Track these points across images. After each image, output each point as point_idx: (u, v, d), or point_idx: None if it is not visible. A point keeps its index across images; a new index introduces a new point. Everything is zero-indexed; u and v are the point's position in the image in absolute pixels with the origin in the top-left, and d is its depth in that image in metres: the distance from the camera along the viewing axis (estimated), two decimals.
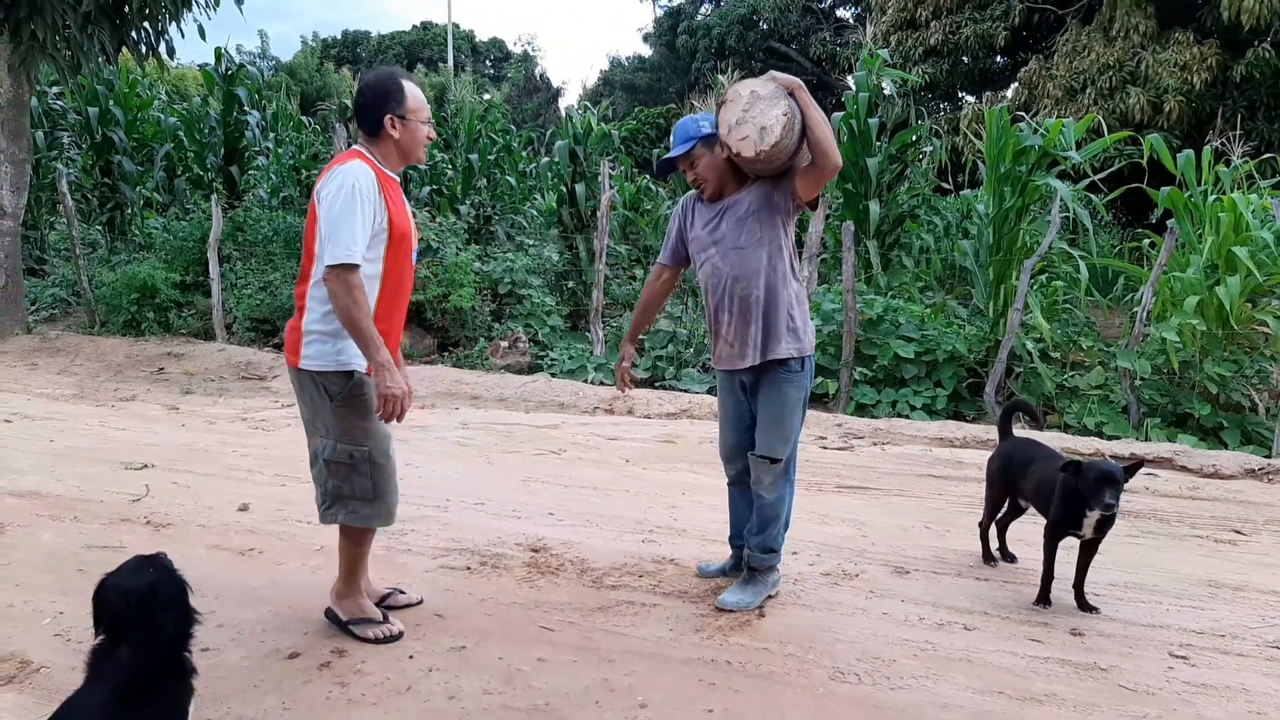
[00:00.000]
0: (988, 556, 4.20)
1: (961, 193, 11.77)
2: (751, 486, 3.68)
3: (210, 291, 9.60)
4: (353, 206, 2.83)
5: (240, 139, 13.05)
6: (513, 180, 12.84)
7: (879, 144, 10.25)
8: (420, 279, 8.69)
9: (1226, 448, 6.68)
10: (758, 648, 3.28)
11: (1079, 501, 3.57)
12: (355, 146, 3.11)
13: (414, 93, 3.06)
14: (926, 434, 6.42)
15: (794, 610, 3.60)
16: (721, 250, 3.52)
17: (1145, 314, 7.36)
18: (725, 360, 3.62)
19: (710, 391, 7.75)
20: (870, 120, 10.23)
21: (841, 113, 10.34)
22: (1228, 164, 8.40)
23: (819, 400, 7.65)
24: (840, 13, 34.08)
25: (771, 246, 3.47)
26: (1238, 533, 4.85)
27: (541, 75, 44.73)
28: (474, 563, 3.98)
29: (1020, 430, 5.25)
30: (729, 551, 3.98)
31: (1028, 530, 4.19)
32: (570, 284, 10.27)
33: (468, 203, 11.59)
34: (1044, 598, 3.74)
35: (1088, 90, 14.77)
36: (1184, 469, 5.92)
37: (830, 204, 8.96)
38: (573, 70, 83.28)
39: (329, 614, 3.29)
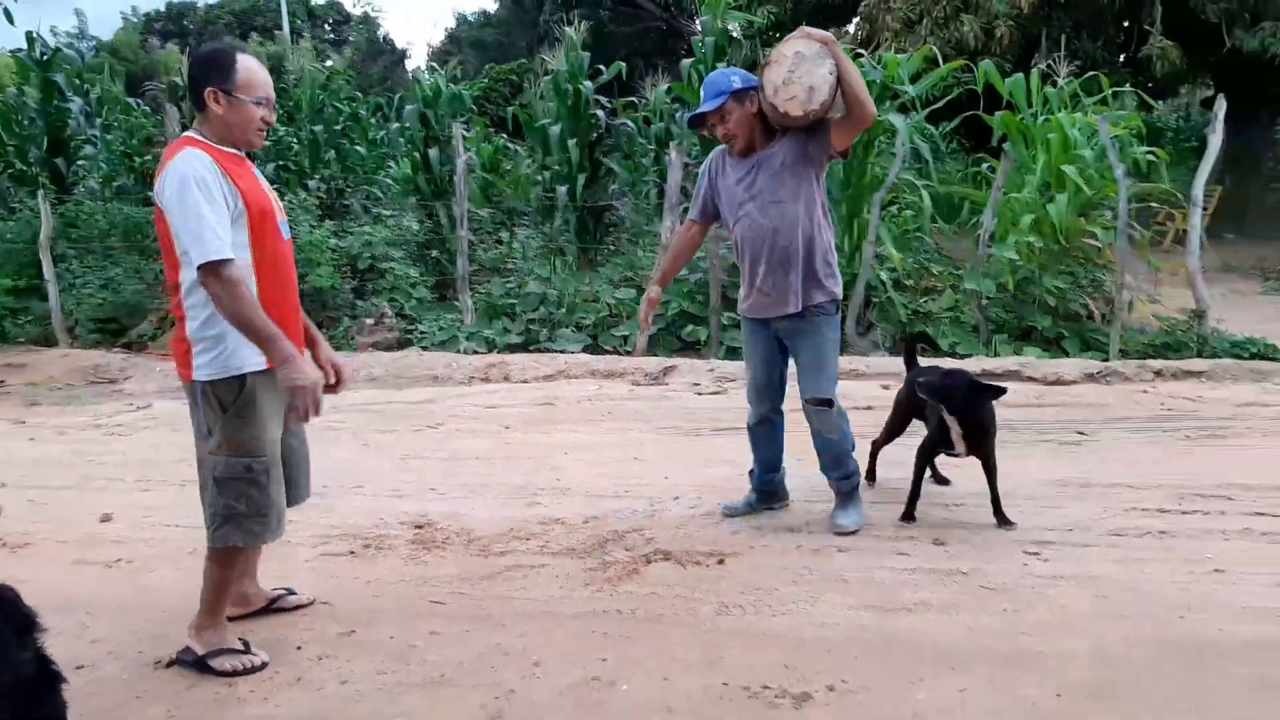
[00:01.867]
0: (871, 475, 4.43)
1: None
2: (815, 431, 3.87)
3: (47, 295, 9.00)
4: (197, 199, 2.61)
5: (64, 128, 12.16)
6: (363, 150, 12.42)
7: None
8: None
9: (1068, 356, 7.16)
10: (646, 593, 3.37)
11: (940, 413, 3.81)
12: (188, 131, 2.88)
13: (248, 67, 2.77)
14: (793, 369, 6.63)
15: (680, 553, 3.71)
16: (760, 204, 3.63)
17: (988, 236, 7.76)
18: (761, 309, 3.75)
19: (585, 350, 7.79)
20: (719, 64, 10.31)
21: (692, 59, 10.38)
22: (1055, 85, 8.87)
23: (691, 348, 7.80)
24: None
25: (807, 198, 3.61)
26: (1081, 434, 5.23)
27: (385, 38, 43.14)
28: (357, 546, 3.93)
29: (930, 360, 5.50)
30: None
31: (897, 452, 4.41)
32: (434, 253, 10.08)
33: (316, 177, 11.17)
34: (908, 514, 3.97)
35: (924, 21, 15.28)
36: (1030, 379, 6.33)
37: (687, 152, 9.03)
38: (418, 31, 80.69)
39: (182, 654, 2.96)
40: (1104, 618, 3.05)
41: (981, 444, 3.85)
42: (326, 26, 49.16)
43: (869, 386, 6.34)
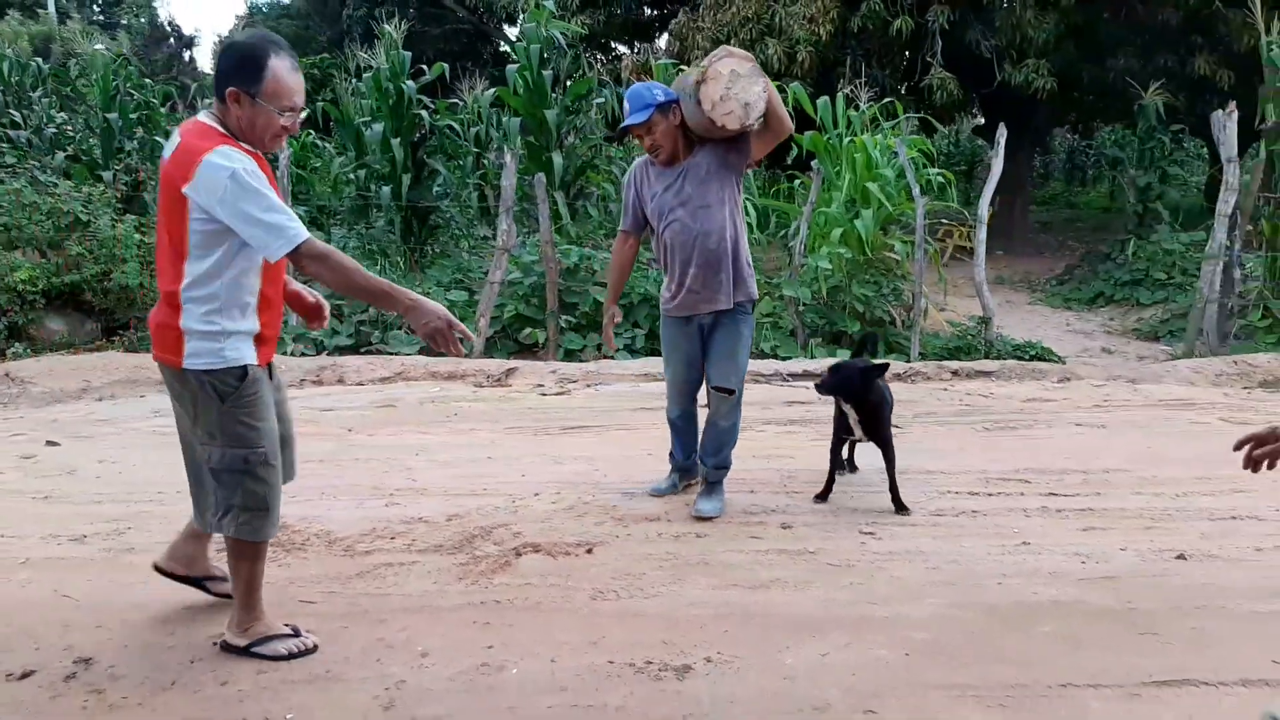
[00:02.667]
0: (853, 465, 4.79)
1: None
2: (710, 417, 4.15)
3: None
4: (258, 190, 2.52)
5: None
6: (162, 140, 11.64)
7: (554, 96, 10.54)
8: (74, 256, 7.77)
9: (878, 357, 7.80)
10: (521, 584, 3.48)
11: (839, 401, 4.19)
12: (204, 115, 2.73)
13: (278, 75, 2.65)
14: (632, 371, 6.89)
15: (549, 545, 3.84)
16: (689, 209, 3.89)
17: (802, 246, 8.34)
18: (689, 307, 4.02)
19: (421, 352, 7.73)
20: (544, 72, 10.48)
21: (516, 65, 10.48)
22: (856, 109, 9.63)
23: (530, 351, 7.92)
24: None
25: (731, 203, 3.93)
26: (895, 427, 5.74)
27: (170, 22, 40.29)
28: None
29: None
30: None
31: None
32: None
33: (112, 168, 10.40)
34: (823, 494, 4.33)
35: (732, 41, 16.02)
36: None
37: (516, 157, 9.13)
38: (205, 17, 75.57)
39: (224, 646, 2.95)
40: (935, 586, 3.44)
41: (876, 427, 4.21)
42: (95, 7, 45.22)
43: None
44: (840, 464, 4.48)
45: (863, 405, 4.16)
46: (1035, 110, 17.34)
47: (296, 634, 2.97)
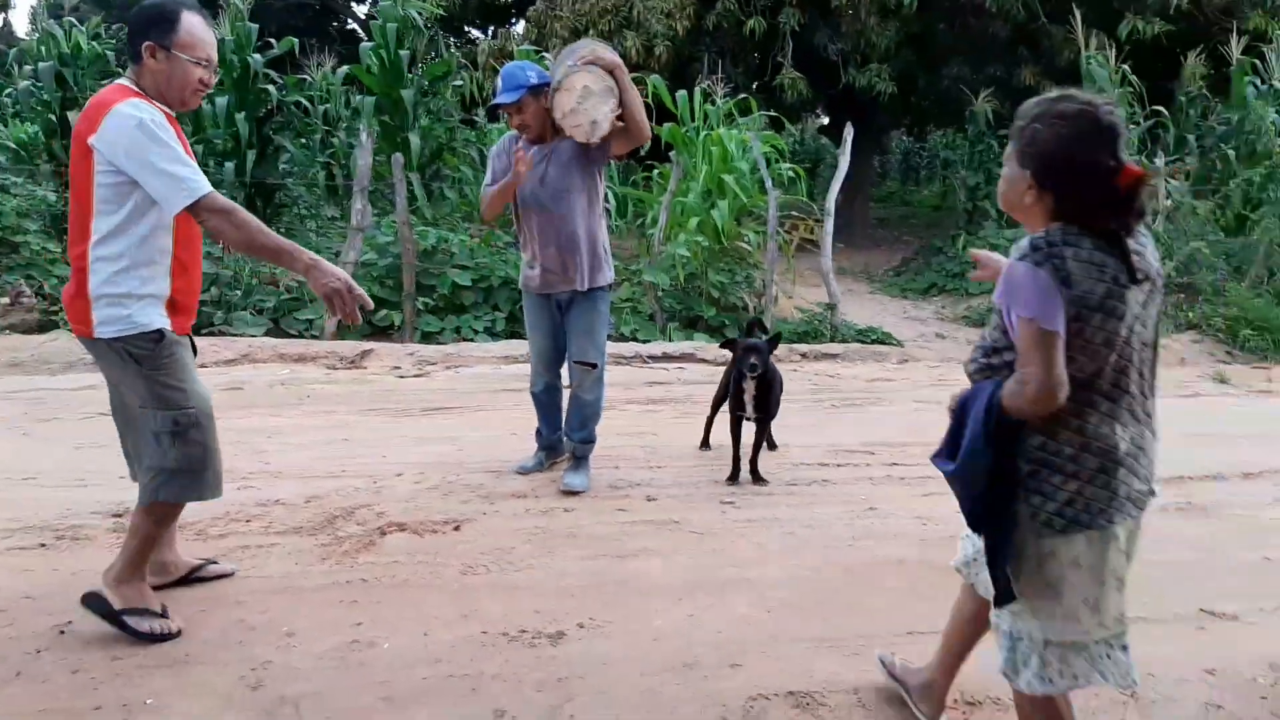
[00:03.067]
0: (705, 443, 4.88)
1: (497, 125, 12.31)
2: (573, 392, 4.25)
3: None
4: (163, 140, 2.49)
5: None
6: None
7: (411, 76, 10.32)
8: None
9: None
10: (388, 562, 3.44)
11: (738, 378, 4.27)
12: (121, 80, 2.66)
13: (191, 26, 2.66)
14: (493, 353, 6.87)
15: (414, 524, 3.80)
16: (550, 192, 4.00)
17: (661, 234, 8.51)
18: (547, 285, 4.12)
19: (268, 334, 7.43)
20: (401, 52, 10.24)
21: (371, 43, 10.20)
22: (713, 104, 9.88)
23: (384, 333, 7.74)
24: None
25: (590, 191, 4.05)
26: None
27: None
28: (48, 538, 3.58)
29: None
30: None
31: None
32: None
33: None
34: (732, 476, 4.39)
35: (590, 31, 16.08)
36: (704, 361, 7.09)
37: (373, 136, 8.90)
38: None
39: (90, 600, 2.83)
40: (792, 550, 3.63)
41: (764, 409, 4.35)
42: None
43: None
44: (740, 442, 4.48)
45: (762, 380, 4.30)
46: (876, 113, 18.22)
47: (164, 615, 2.88)
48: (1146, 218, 1.93)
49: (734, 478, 4.41)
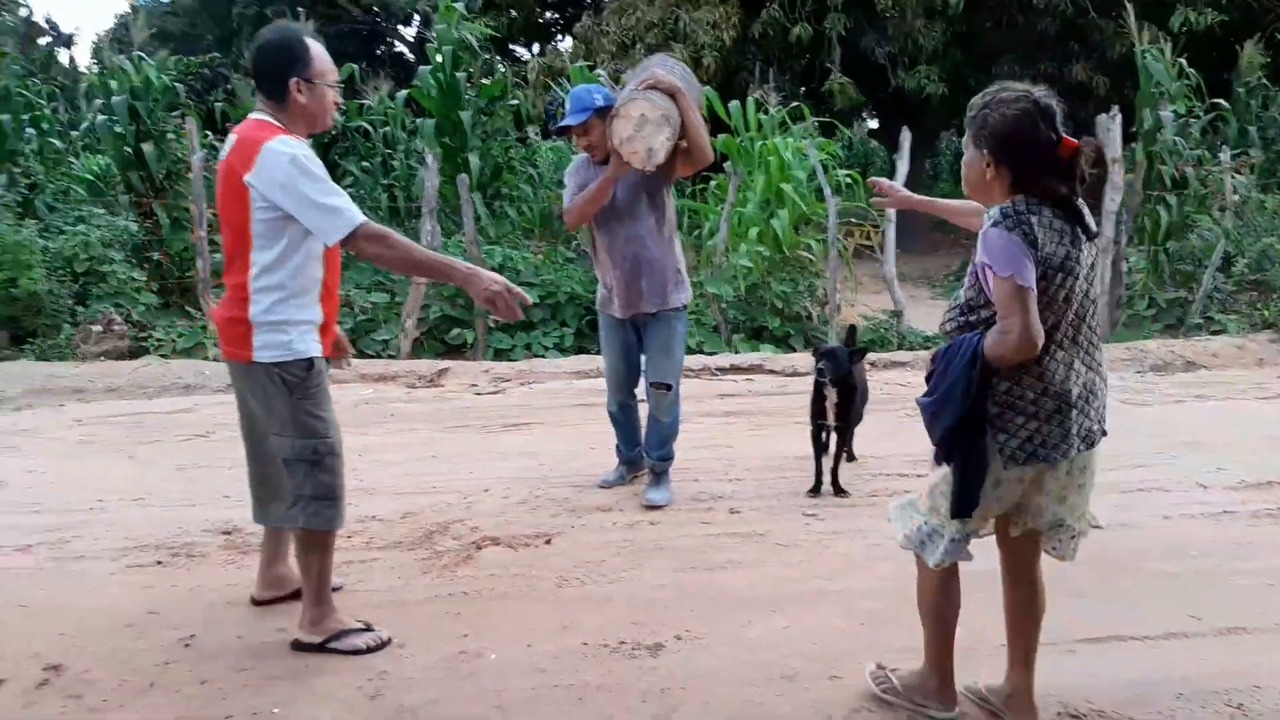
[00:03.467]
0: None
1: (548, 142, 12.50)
2: (650, 412, 4.31)
3: None
4: (312, 173, 2.64)
5: None
6: (58, 143, 11.17)
7: (468, 97, 10.54)
8: None
9: (795, 351, 8.12)
10: (486, 575, 3.57)
11: (818, 386, 4.34)
12: (257, 114, 2.79)
13: (319, 53, 2.82)
14: (564, 369, 7.01)
15: (507, 538, 3.93)
16: (618, 216, 4.07)
17: (723, 245, 8.59)
18: (622, 309, 4.17)
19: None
20: (457, 74, 10.46)
21: (429, 67, 10.44)
22: (766, 113, 9.94)
23: (457, 351, 7.93)
24: None
25: (659, 211, 4.10)
26: None
27: (47, 20, 38.30)
28: (164, 556, 3.77)
29: None
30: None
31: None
32: (155, 256, 9.34)
33: (4, 172, 9.94)
34: (814, 488, 4.42)
35: (638, 45, 16.27)
36: (772, 372, 7.14)
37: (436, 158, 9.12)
38: (83, 16, 71.62)
39: (295, 646, 2.96)
40: (877, 561, 3.68)
41: (846, 417, 4.42)
42: None
43: None
44: (823, 453, 4.51)
45: (844, 389, 4.35)
46: (925, 114, 18.12)
47: (369, 629, 3.00)
48: (1084, 183, 2.24)
49: (816, 490, 4.44)
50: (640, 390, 4.46)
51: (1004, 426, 2.25)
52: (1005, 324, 2.13)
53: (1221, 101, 12.61)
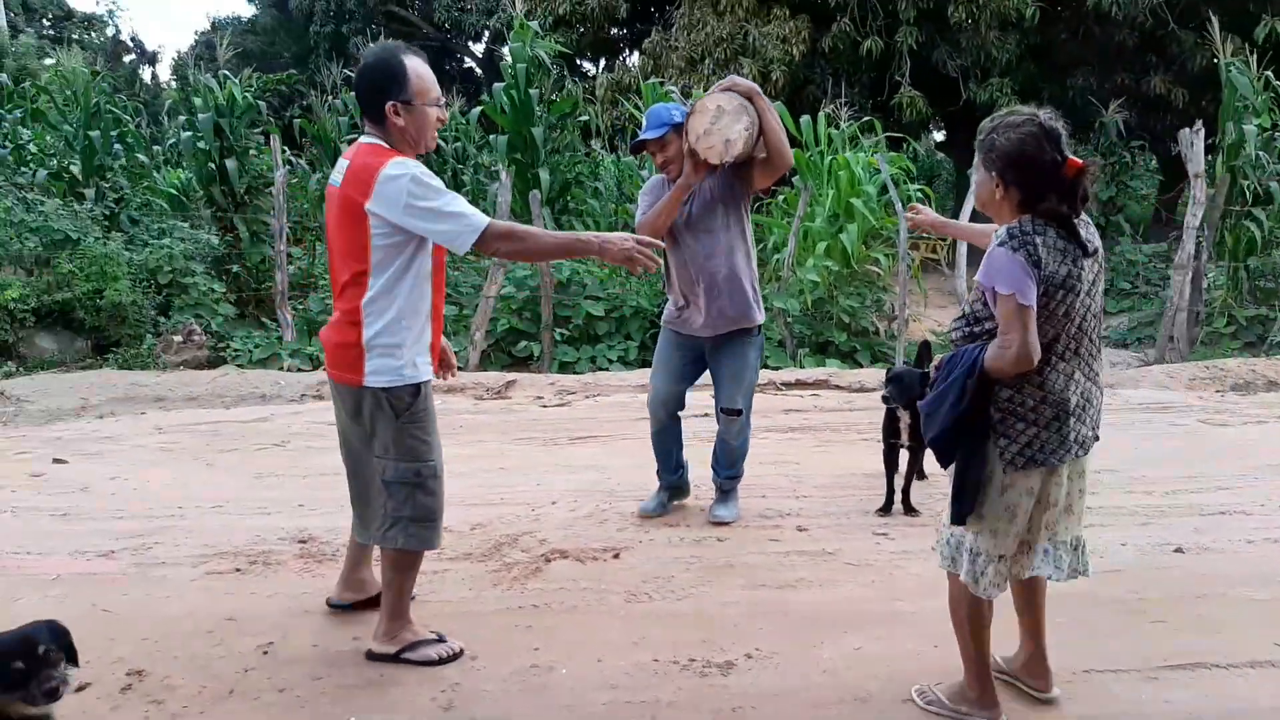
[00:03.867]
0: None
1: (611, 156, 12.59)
2: (720, 434, 4.21)
3: None
4: (432, 187, 2.67)
5: None
6: (143, 158, 11.60)
7: (539, 113, 10.67)
8: (63, 275, 7.75)
9: (861, 367, 8.02)
10: (556, 588, 3.58)
11: (890, 409, 4.31)
12: (366, 138, 2.82)
13: (418, 71, 2.79)
14: (630, 382, 7.03)
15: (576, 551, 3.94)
16: (694, 233, 3.95)
17: (790, 259, 8.55)
18: (691, 326, 4.05)
19: None
20: (530, 90, 10.60)
21: (503, 83, 10.60)
22: (836, 127, 9.88)
23: (524, 363, 8.01)
24: None
25: (736, 228, 3.96)
26: None
27: (133, 38, 39.86)
28: (242, 563, 3.86)
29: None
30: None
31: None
32: (234, 268, 9.63)
33: (105, 184, 10.35)
34: (885, 507, 4.38)
35: (706, 60, 16.31)
36: (838, 387, 7.06)
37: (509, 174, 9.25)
38: (166, 33, 74.46)
39: (370, 656, 3.00)
40: None
41: (920, 437, 4.29)
42: (45, 21, 44.44)
43: None
44: (895, 472, 4.45)
45: (916, 410, 4.28)
46: None
47: (442, 639, 3.03)
48: (1090, 202, 2.38)
49: (886, 509, 4.38)
50: (693, 409, 4.37)
51: (1005, 432, 2.38)
52: (1005, 339, 2.27)
53: None
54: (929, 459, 4.60)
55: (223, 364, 7.76)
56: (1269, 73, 10.77)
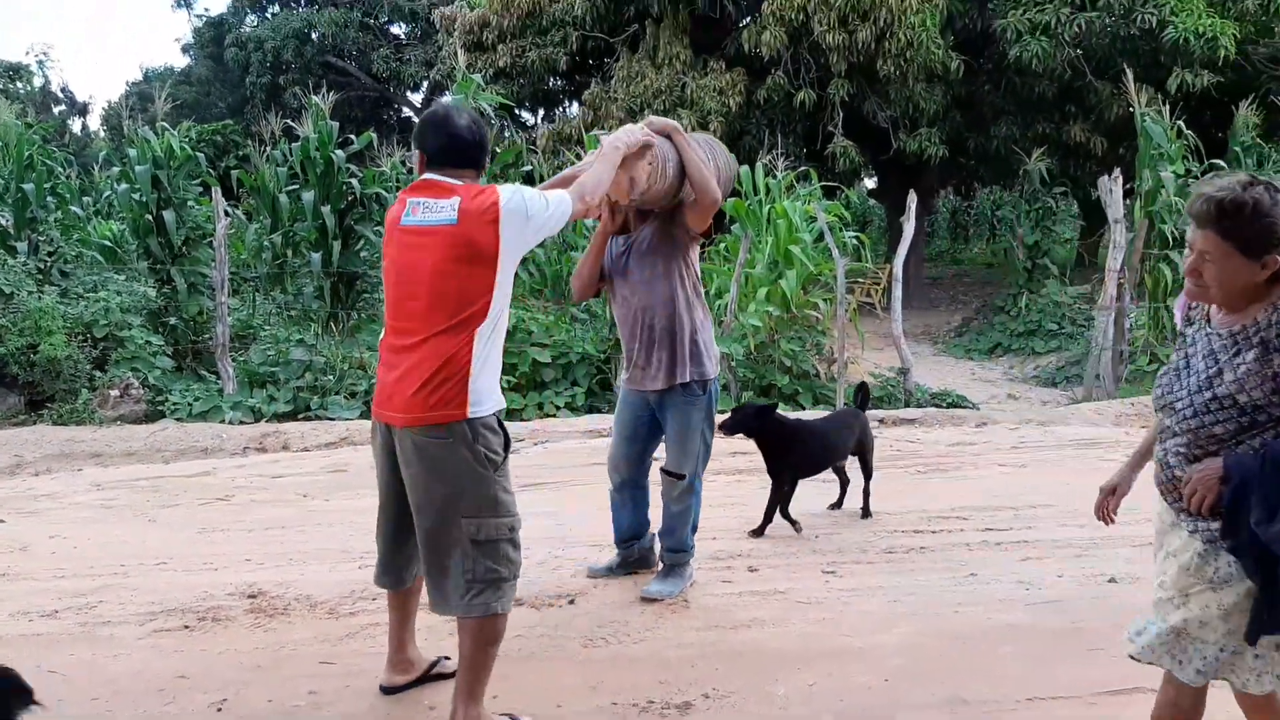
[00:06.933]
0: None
1: None
2: (662, 496, 3.95)
3: None
4: (532, 190, 2.85)
5: None
6: (79, 210, 11.41)
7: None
8: None
9: (804, 409, 8.19)
10: (512, 636, 3.53)
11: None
12: (450, 179, 2.76)
13: None
14: (578, 428, 7.08)
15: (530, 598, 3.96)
16: (631, 283, 3.79)
17: (733, 305, 8.73)
18: (635, 382, 3.87)
19: (362, 416, 7.73)
20: None
21: None
22: (774, 176, 10.17)
23: None
24: (394, 30, 34.33)
25: (675, 278, 3.75)
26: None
27: (63, 88, 39.20)
28: (190, 620, 3.79)
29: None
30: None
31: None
32: (171, 321, 9.49)
33: (25, 239, 10.16)
34: (759, 530, 4.69)
35: (645, 112, 16.60)
36: None
37: None
38: (98, 84, 73.21)
39: None
40: (900, 617, 3.71)
41: (771, 463, 4.65)
42: None
43: None
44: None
45: (765, 445, 4.58)
46: (924, 173, 18.44)
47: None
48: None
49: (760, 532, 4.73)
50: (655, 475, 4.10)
51: None
52: None
53: (1219, 161, 12.85)
54: None
55: (161, 418, 7.62)
56: (1181, 122, 11.39)
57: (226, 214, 12.68)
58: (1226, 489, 2.03)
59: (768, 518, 4.69)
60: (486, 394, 2.72)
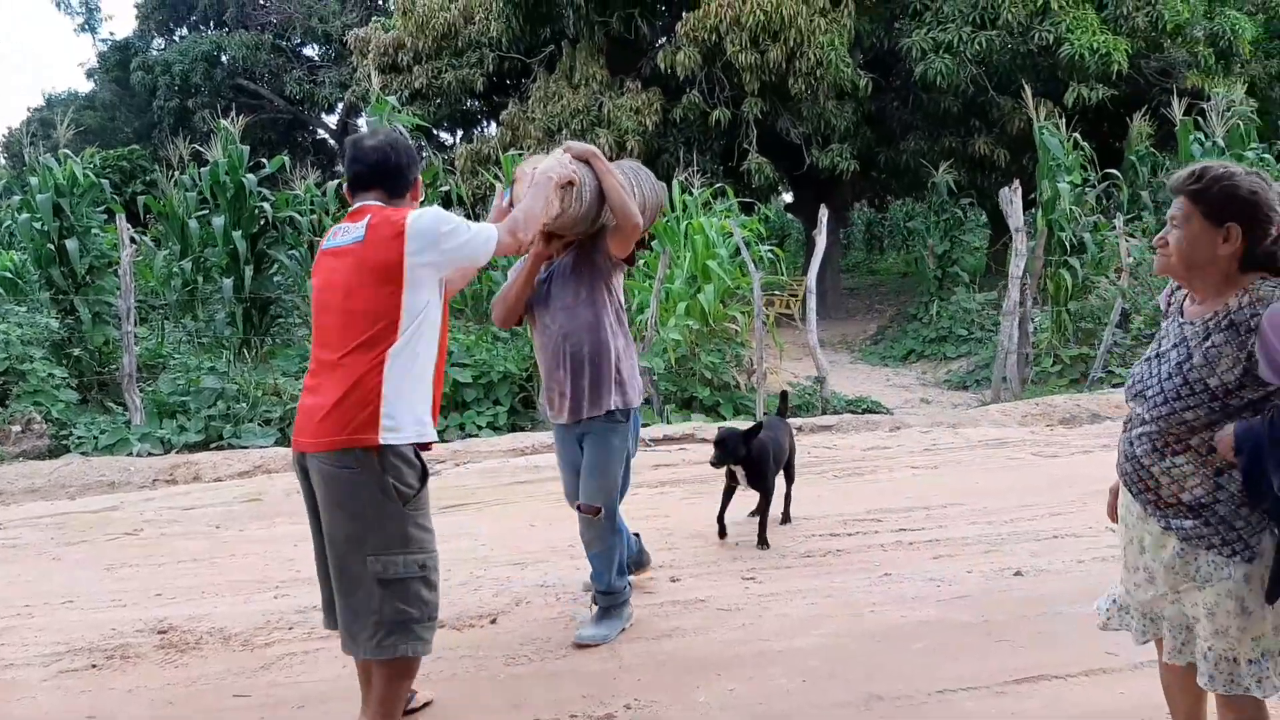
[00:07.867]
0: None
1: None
2: (582, 539, 3.74)
3: None
4: (449, 215, 2.81)
5: None
6: None
7: None
8: None
9: (725, 420, 8.29)
10: (434, 658, 3.48)
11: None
12: (374, 203, 2.78)
13: None
14: (500, 447, 7.05)
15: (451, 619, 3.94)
16: (551, 310, 3.66)
17: (654, 320, 8.81)
18: (558, 412, 3.70)
19: (278, 444, 7.58)
20: None
21: None
22: (690, 194, 10.32)
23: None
24: (307, 52, 33.86)
25: (595, 305, 3.62)
26: None
27: None
28: (98, 659, 3.67)
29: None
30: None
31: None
32: (75, 352, 9.16)
33: None
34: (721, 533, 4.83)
35: (564, 131, 16.68)
36: (704, 440, 7.27)
37: None
38: None
39: None
40: (817, 619, 3.80)
41: (758, 480, 4.71)
42: None
43: None
44: (725, 508, 4.88)
45: (750, 465, 4.62)
46: (838, 187, 18.89)
47: None
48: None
49: (723, 534, 4.88)
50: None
51: None
52: None
53: (1114, 171, 13.50)
54: None
55: (66, 452, 7.34)
56: (1078, 134, 11.91)
57: (132, 240, 12.34)
58: (1240, 459, 2.00)
59: (764, 528, 4.78)
60: (406, 422, 2.63)
